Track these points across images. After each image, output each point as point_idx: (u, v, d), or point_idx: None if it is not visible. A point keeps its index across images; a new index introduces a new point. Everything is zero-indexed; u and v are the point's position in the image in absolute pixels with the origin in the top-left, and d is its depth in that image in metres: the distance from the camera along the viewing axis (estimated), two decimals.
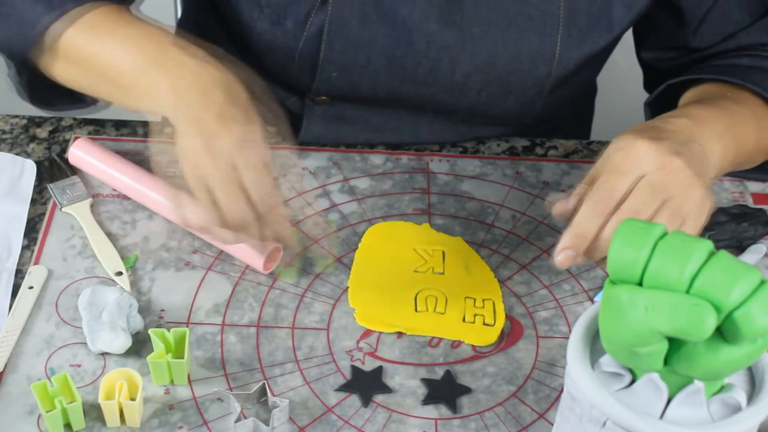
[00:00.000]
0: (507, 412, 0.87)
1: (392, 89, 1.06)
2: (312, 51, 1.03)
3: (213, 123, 0.84)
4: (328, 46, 1.02)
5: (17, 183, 1.04)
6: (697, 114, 0.91)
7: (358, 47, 1.02)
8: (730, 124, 0.92)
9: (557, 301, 0.96)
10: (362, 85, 1.06)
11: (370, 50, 1.02)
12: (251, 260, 0.95)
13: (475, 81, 1.05)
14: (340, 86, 1.06)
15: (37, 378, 0.87)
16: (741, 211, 1.02)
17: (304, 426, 0.85)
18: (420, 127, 1.12)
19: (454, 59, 1.03)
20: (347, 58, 1.03)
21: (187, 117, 0.85)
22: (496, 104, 1.08)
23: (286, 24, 1.03)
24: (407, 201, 1.05)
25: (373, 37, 1.02)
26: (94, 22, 0.94)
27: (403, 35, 1.02)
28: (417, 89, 1.06)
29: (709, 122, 0.90)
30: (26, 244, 0.98)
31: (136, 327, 0.90)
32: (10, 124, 1.11)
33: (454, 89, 1.06)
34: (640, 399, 0.69)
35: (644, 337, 0.65)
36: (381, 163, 1.09)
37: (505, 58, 1.03)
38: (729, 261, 0.65)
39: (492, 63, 1.03)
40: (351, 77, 1.05)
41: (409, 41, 1.02)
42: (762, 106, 0.98)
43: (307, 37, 1.02)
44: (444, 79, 1.05)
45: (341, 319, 0.93)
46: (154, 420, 0.84)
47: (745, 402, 0.69)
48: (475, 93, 1.07)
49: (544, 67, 1.04)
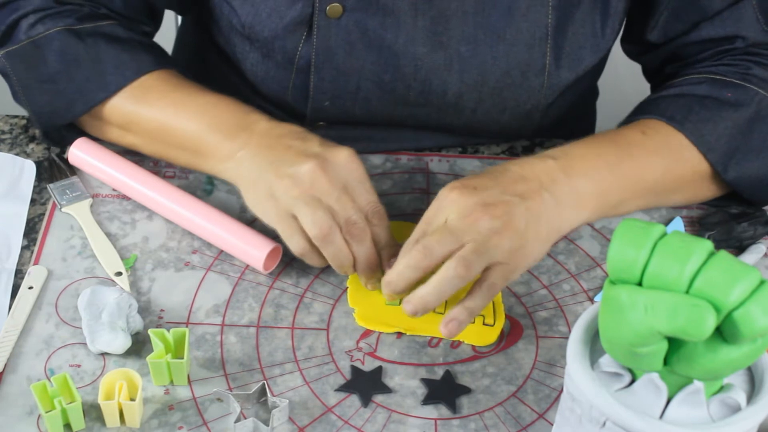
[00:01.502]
0: (507, 412, 0.87)
1: (386, 112, 1.07)
2: (303, 81, 1.04)
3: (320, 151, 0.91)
4: (318, 76, 1.03)
5: (17, 183, 1.04)
6: (574, 155, 0.93)
7: (347, 75, 1.03)
8: (618, 159, 0.94)
9: (557, 301, 0.96)
10: (356, 111, 1.06)
11: (359, 77, 1.03)
12: (251, 260, 0.95)
13: (468, 100, 1.04)
14: (334, 113, 1.07)
15: (37, 378, 0.87)
16: (741, 211, 1.02)
17: (303, 426, 0.85)
18: (421, 140, 1.11)
19: (444, 80, 1.03)
20: (337, 87, 1.04)
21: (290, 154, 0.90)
22: (493, 121, 1.08)
23: (276, 57, 1.04)
24: (407, 201, 1.04)
25: (361, 64, 1.02)
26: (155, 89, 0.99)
27: (390, 60, 1.01)
28: (411, 110, 1.06)
29: (582, 166, 0.92)
30: (26, 245, 0.98)
31: (136, 327, 0.90)
32: (10, 125, 1.11)
33: (448, 109, 1.06)
34: (640, 399, 0.69)
35: (644, 337, 0.65)
36: (381, 163, 1.09)
37: (495, 74, 1.02)
38: (729, 261, 0.65)
39: (483, 80, 1.03)
40: (344, 104, 1.05)
41: (397, 66, 1.02)
42: (679, 134, 0.97)
43: (297, 69, 1.03)
44: (436, 101, 1.05)
45: (341, 319, 0.93)
46: (153, 420, 0.85)
47: (744, 402, 0.69)
48: (469, 111, 1.06)
49: (537, 79, 1.03)
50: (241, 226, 0.96)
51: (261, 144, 0.92)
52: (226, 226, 0.96)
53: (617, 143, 0.96)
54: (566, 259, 0.99)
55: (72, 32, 0.99)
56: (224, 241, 0.96)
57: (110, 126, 1.01)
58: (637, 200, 0.97)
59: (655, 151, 0.96)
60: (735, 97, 0.99)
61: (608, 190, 0.93)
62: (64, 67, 0.99)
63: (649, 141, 0.97)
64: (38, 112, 1.02)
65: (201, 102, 0.97)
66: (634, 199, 0.97)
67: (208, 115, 0.96)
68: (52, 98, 1.00)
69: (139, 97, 0.99)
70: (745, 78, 1.00)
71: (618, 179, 0.94)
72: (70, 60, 0.99)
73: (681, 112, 0.98)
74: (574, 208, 0.91)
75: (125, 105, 0.99)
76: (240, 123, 0.94)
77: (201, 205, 0.98)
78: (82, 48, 0.99)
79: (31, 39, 0.99)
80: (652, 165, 0.96)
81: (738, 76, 1.00)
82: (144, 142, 1.01)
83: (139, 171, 1.02)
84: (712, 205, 1.03)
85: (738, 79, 1.00)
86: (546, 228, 0.88)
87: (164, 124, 0.97)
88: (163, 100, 0.98)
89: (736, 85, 0.99)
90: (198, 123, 0.96)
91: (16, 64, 1.00)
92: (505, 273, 0.87)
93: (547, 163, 0.91)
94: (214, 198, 1.03)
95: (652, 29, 1.04)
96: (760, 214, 1.02)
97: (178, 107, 0.97)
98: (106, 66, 0.99)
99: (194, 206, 0.98)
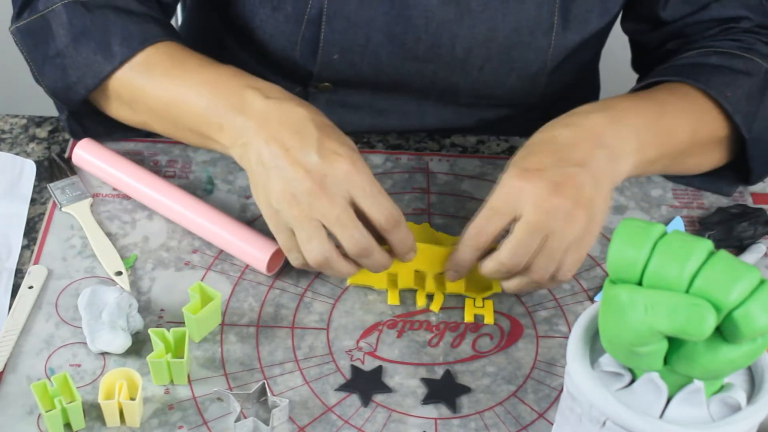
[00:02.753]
0: (507, 412, 0.87)
1: (394, 69, 1.07)
2: (313, 34, 1.04)
3: (318, 163, 0.85)
4: (329, 27, 1.03)
5: (17, 183, 1.04)
6: (618, 107, 0.93)
7: (357, 26, 1.03)
8: (656, 115, 0.94)
9: (557, 301, 0.96)
10: (364, 66, 1.06)
11: (369, 29, 1.03)
12: (254, 262, 0.95)
13: (476, 56, 1.05)
14: (341, 69, 1.07)
15: (37, 378, 0.87)
16: (741, 210, 1.02)
17: (303, 426, 0.85)
18: (425, 110, 1.12)
19: (454, 34, 1.04)
20: (347, 39, 1.04)
21: (288, 161, 0.85)
22: (499, 81, 1.09)
23: (287, 8, 1.04)
24: (407, 201, 1.05)
25: (372, 15, 1.02)
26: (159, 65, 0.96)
27: (401, 12, 1.02)
28: (418, 67, 1.07)
29: (627, 117, 0.92)
30: (26, 244, 0.98)
31: (136, 327, 0.90)
32: (10, 124, 1.11)
33: (456, 65, 1.06)
34: (640, 399, 0.69)
35: (644, 337, 0.65)
36: (381, 163, 1.09)
37: (504, 30, 1.03)
38: (729, 261, 0.65)
39: (492, 37, 1.04)
40: (352, 57, 1.05)
41: (408, 18, 1.02)
42: (703, 97, 0.99)
43: (308, 20, 1.03)
44: (445, 55, 1.05)
45: (341, 319, 0.93)
46: (154, 420, 0.85)
47: (744, 402, 0.69)
48: (477, 69, 1.07)
49: (545, 39, 1.04)
50: (244, 227, 0.96)
51: (259, 134, 0.88)
52: (229, 228, 0.96)
53: (653, 100, 0.96)
54: None
55: (80, 4, 0.97)
56: (227, 242, 0.96)
57: (121, 103, 1.00)
58: (664, 160, 0.97)
59: (684, 111, 0.97)
60: (744, 66, 1.01)
61: (648, 145, 0.93)
62: (71, 41, 0.97)
63: (678, 102, 0.97)
64: (52, 88, 1.00)
65: (199, 81, 0.94)
66: (662, 159, 0.96)
67: (207, 96, 0.92)
68: (62, 73, 0.98)
69: (144, 73, 0.96)
70: (750, 52, 1.02)
71: (655, 135, 0.94)
72: (77, 33, 0.97)
73: (703, 76, 0.99)
74: (624, 159, 0.91)
75: (133, 80, 0.97)
76: (237, 104, 0.90)
77: (204, 207, 0.98)
78: (89, 20, 0.97)
79: (40, 14, 0.98)
80: (681, 125, 0.97)
81: (743, 50, 1.02)
82: (153, 120, 0.99)
83: (142, 172, 1.02)
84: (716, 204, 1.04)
85: (743, 52, 1.02)
86: (607, 186, 0.88)
87: (168, 104, 0.95)
88: (167, 77, 0.95)
89: (744, 57, 1.01)
90: (197, 105, 0.93)
91: (27, 40, 0.99)
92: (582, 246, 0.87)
93: (592, 117, 0.90)
94: (214, 198, 1.03)
95: (662, 8, 1.06)
96: (760, 213, 1.02)
97: (179, 86, 0.94)
98: (113, 38, 0.96)
99: (197, 207, 0.98)
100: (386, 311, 0.94)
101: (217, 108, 0.91)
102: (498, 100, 1.12)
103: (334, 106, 1.12)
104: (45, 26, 0.98)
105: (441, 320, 0.94)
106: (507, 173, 0.87)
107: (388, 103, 1.11)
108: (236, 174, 1.06)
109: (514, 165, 0.88)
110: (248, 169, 0.89)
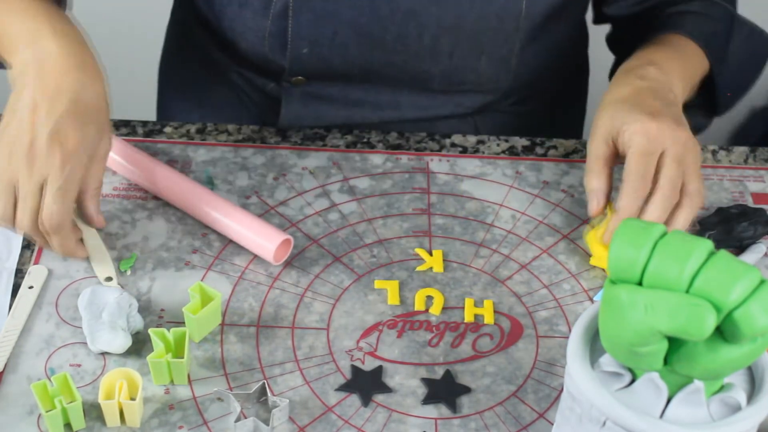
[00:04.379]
0: (507, 412, 0.87)
1: (364, 60, 1.07)
2: (280, 28, 1.05)
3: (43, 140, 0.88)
4: (295, 20, 1.04)
5: None
6: (659, 59, 1.03)
7: (324, 19, 1.04)
8: (684, 61, 1.05)
9: (557, 301, 0.96)
10: (333, 59, 1.07)
11: (336, 21, 1.04)
12: (261, 251, 0.95)
13: (444, 43, 1.06)
14: (312, 62, 1.08)
15: (37, 378, 0.87)
16: (741, 210, 1.02)
17: (304, 426, 0.85)
18: (400, 99, 1.13)
19: (420, 23, 1.04)
20: (315, 32, 1.05)
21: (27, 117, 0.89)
22: (469, 67, 1.10)
23: (253, 3, 1.05)
24: (407, 201, 1.05)
25: (338, 8, 1.03)
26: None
27: (366, 3, 1.03)
28: (388, 57, 1.07)
29: (670, 65, 1.03)
30: (26, 244, 0.98)
31: (136, 327, 0.90)
32: None
33: (425, 54, 1.07)
34: (640, 399, 0.69)
35: (644, 337, 0.65)
36: (381, 163, 1.09)
37: (471, 17, 1.04)
38: (729, 261, 0.65)
39: (459, 24, 1.04)
40: (321, 51, 1.06)
41: (373, 8, 1.03)
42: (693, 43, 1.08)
43: (274, 14, 1.04)
44: (413, 45, 1.06)
45: (341, 319, 0.93)
46: (154, 420, 0.85)
47: (744, 402, 0.69)
48: (446, 56, 1.07)
49: (512, 22, 1.05)
50: (252, 217, 0.97)
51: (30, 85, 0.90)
52: (236, 217, 0.97)
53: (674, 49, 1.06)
54: (566, 259, 1.00)
55: None
56: (235, 231, 0.97)
57: None
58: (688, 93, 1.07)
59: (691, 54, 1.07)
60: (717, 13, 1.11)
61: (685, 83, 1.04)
62: None
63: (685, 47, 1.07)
64: None
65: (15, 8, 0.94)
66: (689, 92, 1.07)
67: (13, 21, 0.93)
68: None
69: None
70: None
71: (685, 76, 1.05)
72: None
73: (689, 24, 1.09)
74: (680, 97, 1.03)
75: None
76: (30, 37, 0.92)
77: (211, 195, 0.99)
78: None
79: None
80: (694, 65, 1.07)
81: None
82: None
83: (151, 162, 1.02)
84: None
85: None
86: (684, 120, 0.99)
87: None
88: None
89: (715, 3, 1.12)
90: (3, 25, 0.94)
91: None
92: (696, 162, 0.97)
93: (650, 70, 1.01)
94: None
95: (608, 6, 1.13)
96: (760, 213, 1.02)
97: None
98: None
99: (204, 196, 0.99)
100: (386, 311, 0.94)
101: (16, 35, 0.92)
102: (471, 85, 1.13)
103: (309, 100, 1.12)
104: None
105: (441, 320, 0.94)
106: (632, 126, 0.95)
107: (361, 94, 1.12)
108: (236, 174, 1.06)
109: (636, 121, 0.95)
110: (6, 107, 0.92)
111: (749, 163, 1.12)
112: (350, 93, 1.12)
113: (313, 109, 1.13)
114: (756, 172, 1.10)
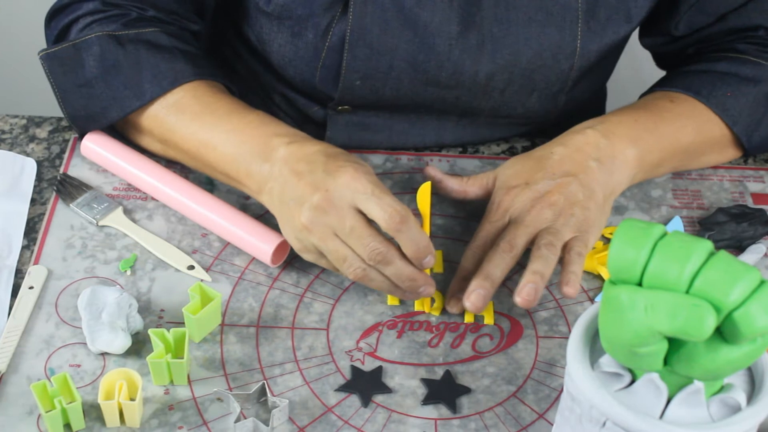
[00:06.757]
0: (507, 412, 0.87)
1: (415, 94, 1.06)
2: (334, 61, 1.04)
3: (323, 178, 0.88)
4: (351, 54, 1.02)
5: (18, 181, 1.04)
6: (612, 120, 1.00)
7: (380, 54, 1.02)
8: (655, 122, 1.01)
9: (557, 301, 0.96)
10: (385, 92, 1.06)
11: (392, 56, 1.02)
12: (259, 253, 0.95)
13: (498, 81, 1.05)
14: (363, 94, 1.06)
15: (37, 378, 0.87)
16: (741, 211, 1.02)
17: (303, 426, 0.85)
18: (443, 131, 1.11)
19: (476, 60, 1.03)
20: (370, 66, 1.03)
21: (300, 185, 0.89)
22: (519, 103, 1.09)
23: (307, 35, 1.03)
24: (407, 201, 1.04)
25: (395, 43, 1.02)
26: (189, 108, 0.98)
27: (425, 40, 1.01)
28: (440, 92, 1.06)
29: (621, 128, 0.99)
30: (26, 244, 0.98)
31: (136, 327, 0.90)
32: (10, 124, 1.11)
33: (478, 90, 1.06)
34: (640, 399, 0.69)
35: (644, 337, 0.65)
36: (381, 163, 1.09)
37: (527, 55, 1.03)
38: (729, 261, 0.65)
39: (514, 61, 1.04)
40: (374, 83, 1.05)
41: (431, 45, 1.02)
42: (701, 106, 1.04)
43: (329, 47, 1.03)
44: (467, 81, 1.05)
45: (341, 319, 0.93)
46: (153, 420, 0.85)
47: (744, 402, 0.69)
48: (498, 93, 1.06)
49: (567, 62, 1.04)
50: (250, 219, 0.97)
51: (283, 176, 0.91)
52: (234, 219, 0.97)
53: (649, 109, 1.03)
54: None
55: (113, 38, 0.99)
56: (232, 233, 0.96)
57: (153, 139, 1.02)
58: (673, 161, 1.04)
59: (685, 115, 1.03)
60: (753, 73, 1.04)
61: (649, 151, 1.00)
62: (101, 72, 0.99)
63: (677, 107, 1.04)
64: (74, 115, 1.02)
65: (228, 128, 0.96)
66: (671, 160, 1.03)
67: (235, 143, 0.95)
68: (87, 102, 1.00)
69: (175, 114, 0.98)
70: (761, 56, 1.05)
71: (656, 140, 1.00)
72: (108, 66, 0.99)
73: (705, 87, 1.04)
74: (621, 170, 0.97)
75: (164, 120, 0.99)
76: (263, 152, 0.93)
77: (210, 198, 0.99)
78: (121, 54, 0.99)
79: (72, 42, 1.00)
80: (684, 128, 1.03)
81: (755, 54, 1.05)
82: (184, 159, 1.01)
83: (149, 163, 1.02)
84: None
85: (754, 56, 1.05)
86: (602, 194, 0.95)
87: (199, 148, 0.97)
88: (197, 121, 0.98)
89: (754, 63, 1.05)
90: (226, 153, 0.95)
91: (55, 67, 1.01)
92: (581, 242, 0.92)
93: (586, 133, 0.98)
94: None
95: (678, 23, 1.08)
96: (760, 214, 1.02)
97: (208, 132, 0.97)
98: (144, 74, 0.99)
99: (203, 198, 0.99)
100: (386, 311, 0.94)
101: (245, 156, 0.94)
102: (517, 119, 1.12)
103: (353, 128, 1.10)
104: (75, 55, 1.00)
105: (441, 320, 0.94)
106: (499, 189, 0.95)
107: (406, 125, 1.10)
108: None
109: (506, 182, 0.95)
110: (275, 212, 0.92)
111: (749, 164, 1.12)
112: (395, 123, 1.10)
113: (357, 137, 1.10)
114: (756, 173, 1.10)
